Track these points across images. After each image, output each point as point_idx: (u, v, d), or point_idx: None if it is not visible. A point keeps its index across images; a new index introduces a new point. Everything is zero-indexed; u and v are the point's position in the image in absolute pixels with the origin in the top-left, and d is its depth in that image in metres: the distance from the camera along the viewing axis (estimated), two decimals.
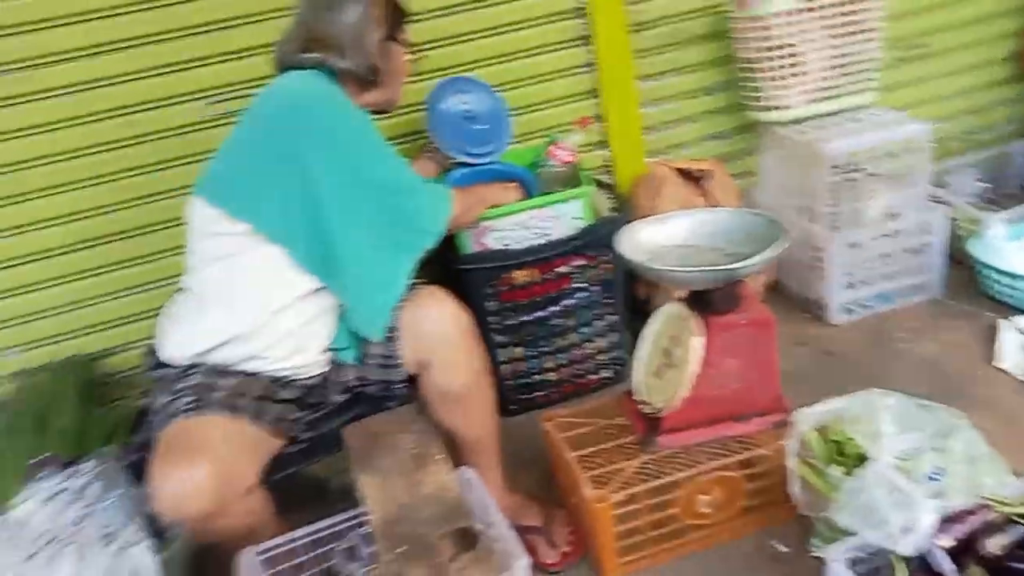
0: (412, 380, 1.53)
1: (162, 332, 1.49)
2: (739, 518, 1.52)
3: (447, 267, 1.89)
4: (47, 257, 2.14)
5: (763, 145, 2.42)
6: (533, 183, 1.93)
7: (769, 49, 2.20)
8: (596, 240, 1.91)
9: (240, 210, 1.40)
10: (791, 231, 2.26)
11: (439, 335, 1.46)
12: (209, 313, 1.43)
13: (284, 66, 1.55)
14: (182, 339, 1.45)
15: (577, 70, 2.37)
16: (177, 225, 1.51)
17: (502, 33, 2.27)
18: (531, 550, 1.57)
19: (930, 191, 2.26)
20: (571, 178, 1.99)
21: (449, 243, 1.91)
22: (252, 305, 1.42)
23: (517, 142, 2.26)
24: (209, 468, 1.23)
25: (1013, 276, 2.10)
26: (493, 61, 2.28)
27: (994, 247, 2.18)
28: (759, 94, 2.30)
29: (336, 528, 1.46)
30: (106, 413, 1.92)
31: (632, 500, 1.43)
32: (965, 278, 2.29)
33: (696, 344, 1.42)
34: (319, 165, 1.38)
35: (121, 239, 2.16)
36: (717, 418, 1.49)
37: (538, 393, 2.05)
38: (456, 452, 1.56)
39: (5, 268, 2.12)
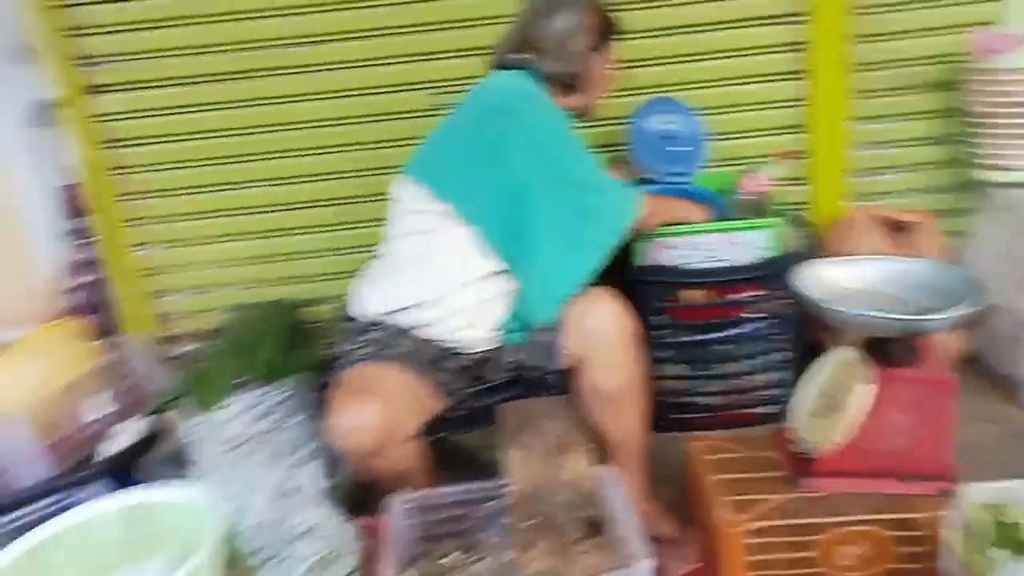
0: (570, 373, 1.60)
1: (356, 291, 1.67)
2: None
3: (621, 275, 1.94)
4: (272, 211, 2.45)
5: (982, 206, 2.26)
6: (721, 208, 1.95)
7: (1001, 105, 2.07)
8: (777, 273, 1.88)
9: (444, 192, 1.55)
10: (997, 299, 2.13)
11: (602, 334, 1.53)
12: (400, 279, 1.59)
13: (498, 65, 1.68)
14: (373, 298, 1.62)
15: (785, 103, 2.35)
16: (382, 200, 1.68)
17: (716, 59, 2.30)
18: (658, 559, 1.58)
19: None
20: (760, 209, 1.98)
21: (625, 253, 1.97)
22: (439, 278, 1.56)
23: (711, 167, 2.27)
24: (379, 409, 1.38)
25: None
26: (701, 85, 2.32)
27: None
28: (985, 151, 2.16)
29: (478, 494, 1.57)
30: (301, 353, 2.16)
31: (767, 532, 1.41)
32: None
33: (863, 391, 1.38)
34: (522, 159, 1.49)
35: (335, 205, 2.43)
36: (875, 472, 1.44)
37: (692, 415, 2.05)
38: (602, 451, 1.61)
39: (236, 215, 2.45)
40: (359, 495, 1.73)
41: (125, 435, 1.97)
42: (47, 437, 1.88)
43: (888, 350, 1.40)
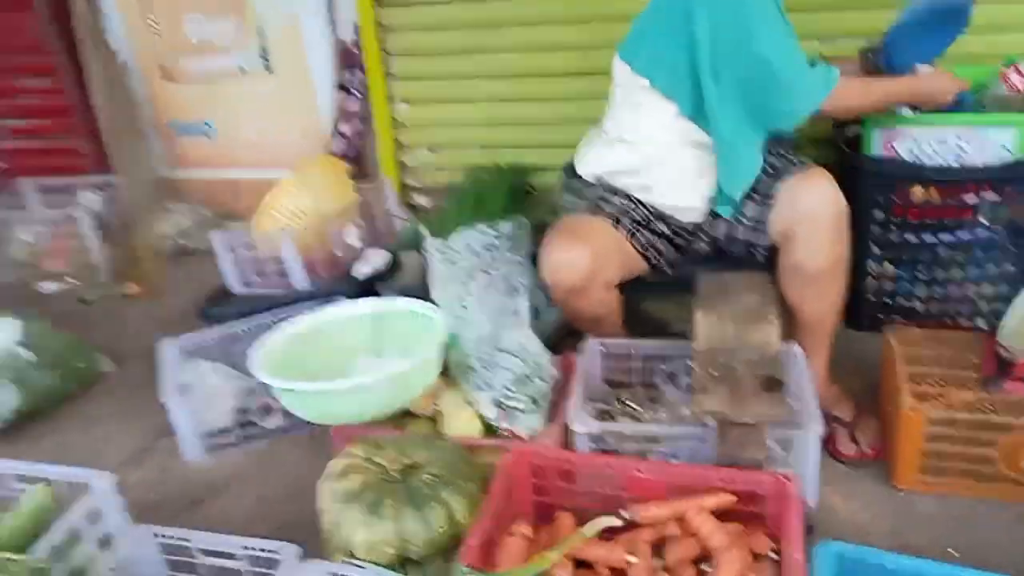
0: (775, 249, 1.65)
1: (580, 154, 1.81)
2: None
3: (849, 162, 1.91)
4: (514, 78, 2.64)
5: None
6: (971, 105, 1.83)
7: None
8: (1019, 178, 1.76)
9: (641, 67, 1.64)
10: None
11: (810, 213, 1.55)
12: (615, 147, 1.71)
13: None
14: (593, 160, 1.75)
15: None
16: (606, 74, 1.78)
17: None
18: (831, 438, 1.65)
19: None
20: (1019, 107, 1.82)
21: (857, 140, 1.92)
22: (648, 149, 1.66)
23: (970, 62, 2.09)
24: (587, 252, 1.54)
25: None
26: None
27: None
28: None
29: (666, 352, 1.71)
30: (525, 211, 2.38)
31: (949, 424, 1.42)
32: None
33: None
34: (704, 30, 1.52)
35: (564, 77, 2.56)
36: None
37: (897, 318, 2.01)
38: (794, 330, 1.66)
39: (482, 80, 2.67)
40: (561, 333, 1.94)
41: (373, 261, 2.32)
42: (312, 253, 2.28)
43: None
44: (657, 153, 1.67)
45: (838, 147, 1.99)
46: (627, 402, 1.69)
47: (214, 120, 3.15)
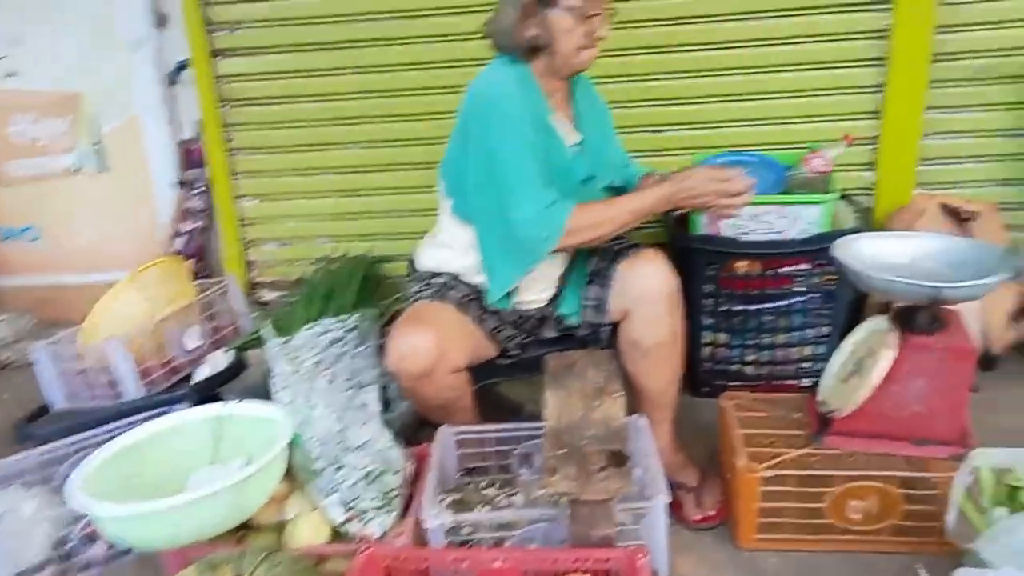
0: (616, 328, 1.72)
1: (419, 251, 1.84)
2: (889, 535, 1.52)
3: (679, 240, 2.03)
4: (357, 172, 2.67)
5: None
6: (782, 179, 2.01)
7: None
8: (826, 249, 1.92)
9: (447, 190, 1.75)
10: None
11: (645, 292, 1.63)
12: (444, 250, 1.77)
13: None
14: (428, 260, 1.80)
15: (862, 89, 2.37)
16: None
17: (794, 43, 2.34)
18: (678, 504, 1.69)
19: None
20: (820, 188, 2.02)
21: (685, 220, 2.06)
22: (469, 256, 1.72)
23: (780, 149, 2.33)
24: (431, 336, 1.54)
25: None
26: (779, 68, 2.36)
27: None
28: None
29: (519, 433, 1.72)
30: (375, 302, 2.36)
31: (782, 481, 1.49)
32: None
33: (886, 356, 1.44)
34: (469, 155, 1.62)
35: (411, 169, 2.63)
36: (893, 435, 1.50)
37: (733, 383, 2.12)
38: (638, 402, 1.72)
39: (326, 174, 2.69)
40: (413, 426, 1.90)
41: (215, 364, 2.22)
42: (148, 360, 2.15)
43: (914, 319, 1.46)
44: (479, 261, 1.71)
45: (669, 226, 2.13)
46: (483, 489, 1.68)
47: (42, 223, 2.97)
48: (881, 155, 2.39)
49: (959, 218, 2.24)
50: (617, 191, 1.82)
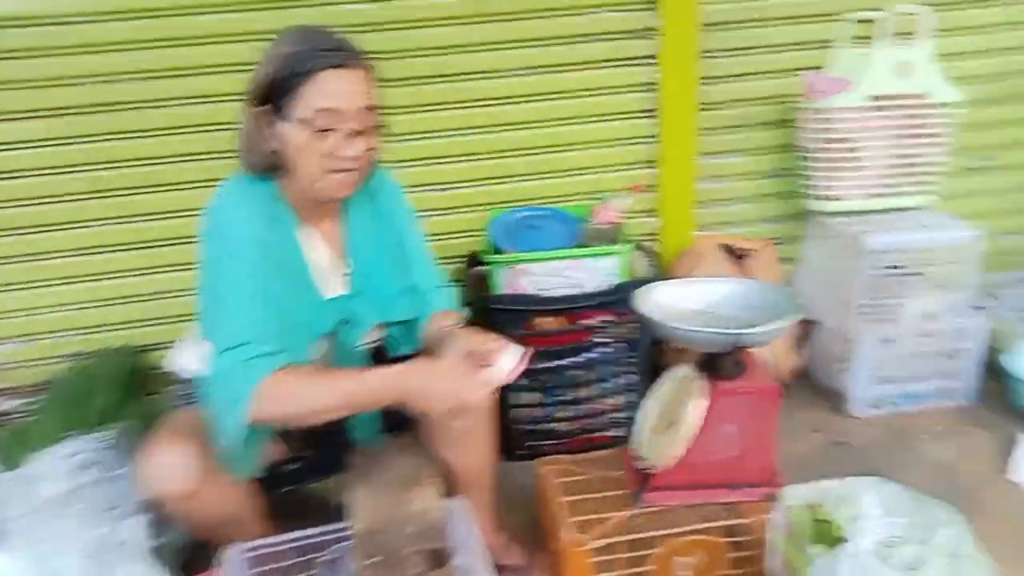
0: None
1: (178, 349, 1.61)
2: None
3: (481, 301, 1.96)
4: (112, 251, 2.32)
5: (810, 233, 2.44)
6: (576, 231, 2.02)
7: (829, 141, 2.24)
8: (625, 299, 1.94)
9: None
10: (826, 322, 2.29)
11: None
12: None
13: None
14: (190, 360, 1.55)
15: (639, 140, 2.46)
16: None
17: (572, 97, 2.38)
18: None
19: (974, 299, 2.23)
20: (613, 238, 2.06)
21: (484, 280, 2.00)
22: None
23: (570, 201, 2.35)
24: (193, 451, 1.31)
25: None
26: (558, 122, 2.39)
27: None
28: (815, 183, 2.33)
29: (322, 538, 1.52)
30: (142, 400, 2.05)
31: (610, 550, 1.44)
32: (998, 389, 2.25)
33: (697, 406, 1.44)
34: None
35: (173, 244, 2.34)
36: (709, 483, 1.50)
37: (548, 442, 2.08)
38: (452, 485, 1.60)
39: (77, 256, 2.31)
40: (192, 552, 1.64)
41: None
42: None
43: (718, 365, 1.48)
44: None
45: (470, 287, 2.06)
46: None
47: None
48: (662, 202, 2.50)
49: (737, 256, 2.38)
50: (406, 329, 1.57)
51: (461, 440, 1.54)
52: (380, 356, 1.56)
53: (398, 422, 1.59)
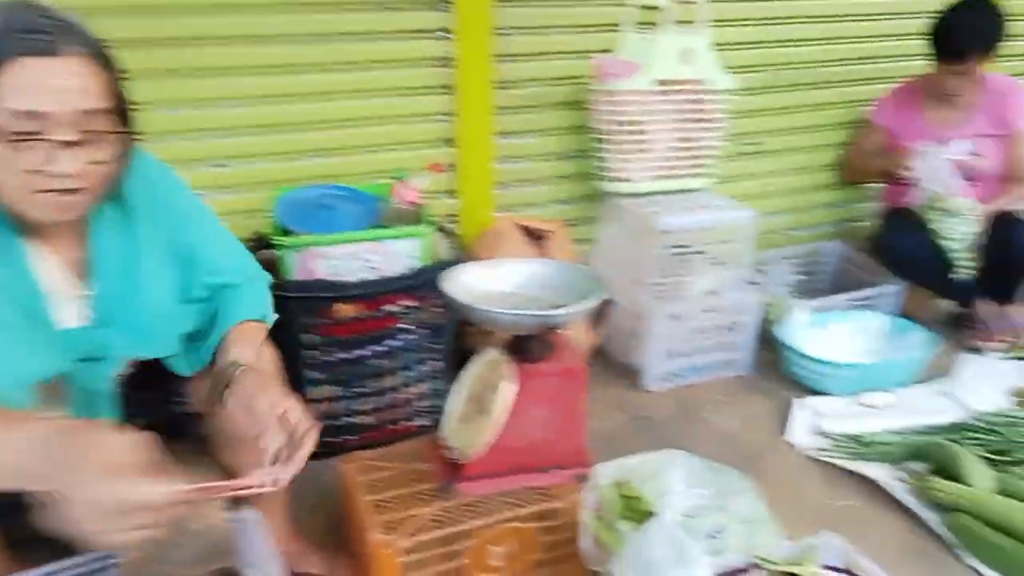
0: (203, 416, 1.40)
1: None
2: (531, 572, 1.49)
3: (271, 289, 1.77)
4: None
5: (604, 214, 2.51)
6: (374, 212, 1.90)
7: (620, 124, 2.30)
8: (428, 282, 1.87)
9: None
10: (620, 301, 2.37)
11: None
12: None
13: None
14: None
15: (436, 117, 2.37)
16: None
17: (365, 70, 2.25)
18: None
19: (748, 275, 2.41)
20: (413, 219, 1.96)
21: (273, 265, 1.83)
22: None
23: (366, 180, 2.22)
24: None
25: (810, 360, 2.26)
26: (350, 95, 2.25)
27: (798, 333, 2.34)
28: (607, 165, 2.39)
29: (79, 570, 1.29)
30: None
31: (421, 548, 1.36)
32: (772, 359, 2.44)
33: (506, 390, 1.40)
34: None
35: None
36: (520, 468, 1.46)
37: (348, 437, 1.95)
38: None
39: None
40: None
41: None
42: None
43: (526, 347, 1.44)
44: None
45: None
46: None
47: None
48: (461, 182, 2.44)
49: (535, 237, 2.39)
50: (198, 337, 1.31)
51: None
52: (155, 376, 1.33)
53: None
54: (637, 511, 1.36)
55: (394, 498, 1.46)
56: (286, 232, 1.87)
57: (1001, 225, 2.45)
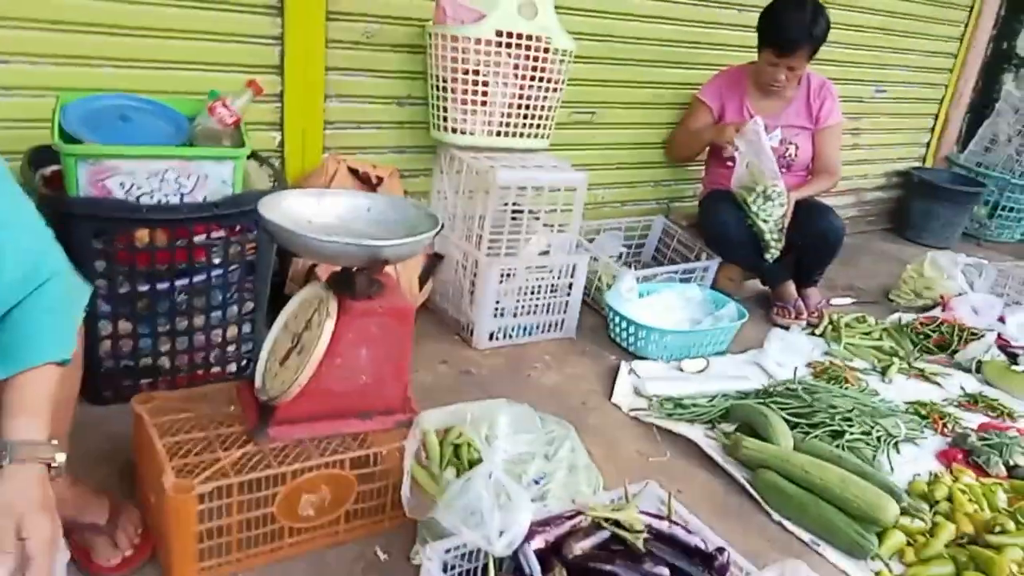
0: None
1: None
2: (345, 523, 1.39)
3: (54, 205, 1.51)
4: None
5: (440, 166, 2.42)
6: (183, 131, 1.69)
7: (462, 72, 2.21)
8: (244, 213, 1.69)
9: None
10: (452, 254, 2.31)
11: None
12: None
13: None
14: None
15: (262, 40, 2.16)
16: None
17: None
18: (85, 551, 1.28)
19: (579, 241, 2.43)
20: (230, 142, 1.76)
21: (57, 180, 1.58)
22: None
23: (180, 95, 1.97)
24: None
25: (634, 325, 2.32)
26: (166, 3, 1.99)
27: (623, 299, 2.40)
28: (445, 115, 2.30)
29: None
30: None
31: (221, 494, 1.22)
32: (598, 323, 2.50)
33: (326, 326, 1.28)
34: None
35: None
36: (339, 413, 1.36)
37: (145, 380, 1.74)
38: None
39: None
40: None
41: None
42: None
43: (351, 283, 1.33)
44: None
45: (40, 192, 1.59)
46: None
47: None
48: (287, 114, 2.25)
49: (365, 181, 2.25)
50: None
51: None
52: None
53: None
54: (464, 459, 1.30)
55: (193, 441, 1.31)
56: (73, 142, 1.60)
57: (804, 213, 2.64)
